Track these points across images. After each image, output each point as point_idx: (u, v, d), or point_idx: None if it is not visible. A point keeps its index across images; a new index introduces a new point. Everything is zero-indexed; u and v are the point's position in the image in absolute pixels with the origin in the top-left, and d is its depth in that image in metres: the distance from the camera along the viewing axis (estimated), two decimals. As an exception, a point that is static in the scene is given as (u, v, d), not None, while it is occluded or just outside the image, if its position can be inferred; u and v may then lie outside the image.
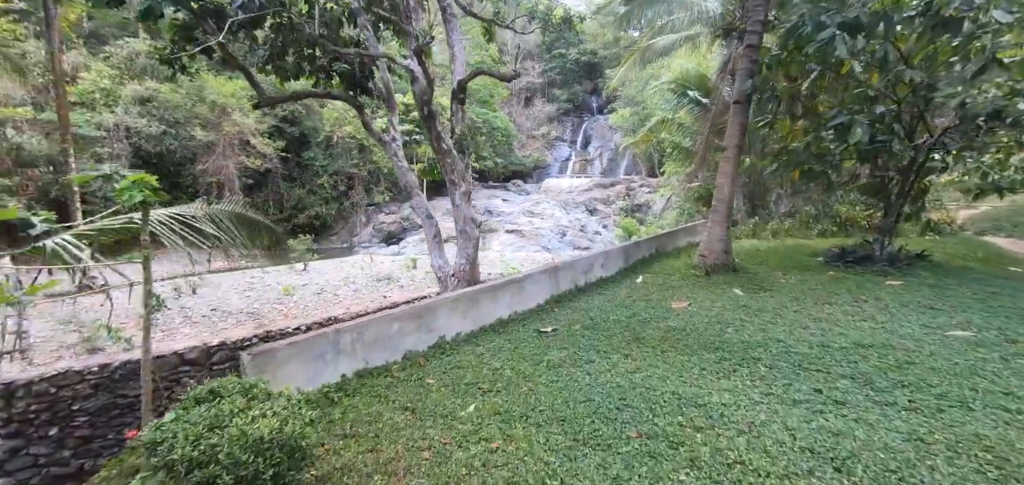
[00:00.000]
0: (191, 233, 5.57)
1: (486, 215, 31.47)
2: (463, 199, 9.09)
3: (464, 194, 9.06)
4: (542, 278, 8.01)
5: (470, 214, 9.21)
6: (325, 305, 14.25)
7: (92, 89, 24.04)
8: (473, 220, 9.23)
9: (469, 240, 9.30)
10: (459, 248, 9.45)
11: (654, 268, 10.54)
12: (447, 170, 8.92)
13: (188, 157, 25.22)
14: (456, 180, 8.97)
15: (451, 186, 9.06)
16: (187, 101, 24.37)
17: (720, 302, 7.81)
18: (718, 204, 9.76)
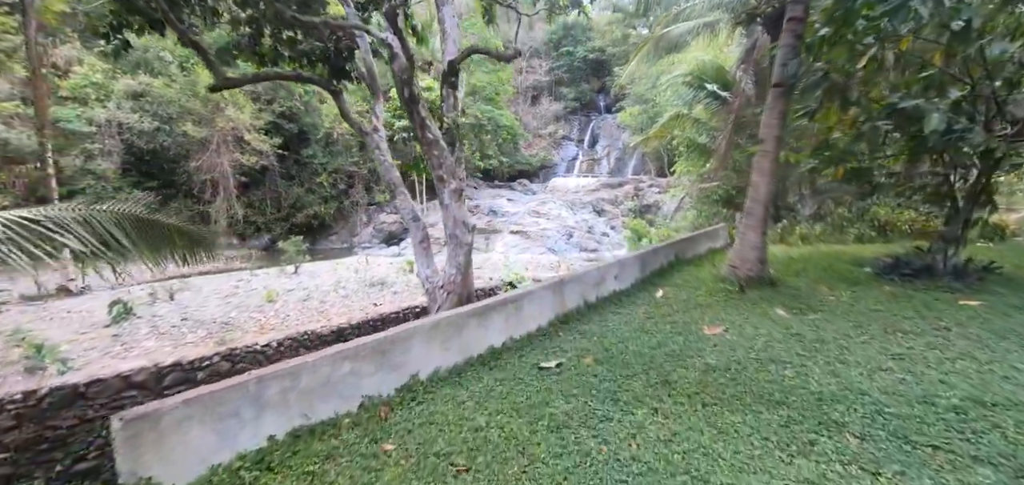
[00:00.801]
0: (51, 245, 4.05)
1: (490, 215, 29.95)
2: (453, 198, 7.57)
3: (454, 192, 7.54)
4: (544, 295, 6.46)
5: (462, 216, 7.69)
6: (308, 314, 12.81)
7: (84, 83, 22.79)
8: (465, 223, 7.71)
9: (460, 246, 7.78)
10: (449, 256, 7.94)
11: (675, 279, 8.95)
12: (434, 164, 7.39)
13: (182, 154, 23.92)
14: (445, 176, 7.45)
15: (439, 183, 7.54)
16: (181, 96, 23.05)
17: (764, 327, 6.22)
18: (753, 206, 8.16)
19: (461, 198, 7.60)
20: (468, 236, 7.75)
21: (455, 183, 7.45)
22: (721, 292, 7.95)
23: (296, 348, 9.77)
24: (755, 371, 4.87)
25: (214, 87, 7.37)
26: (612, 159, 41.88)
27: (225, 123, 22.79)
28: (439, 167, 7.30)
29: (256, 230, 26.26)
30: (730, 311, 7.07)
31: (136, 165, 23.55)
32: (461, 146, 8.43)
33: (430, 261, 8.37)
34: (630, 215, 30.05)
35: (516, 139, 38.20)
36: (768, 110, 7.97)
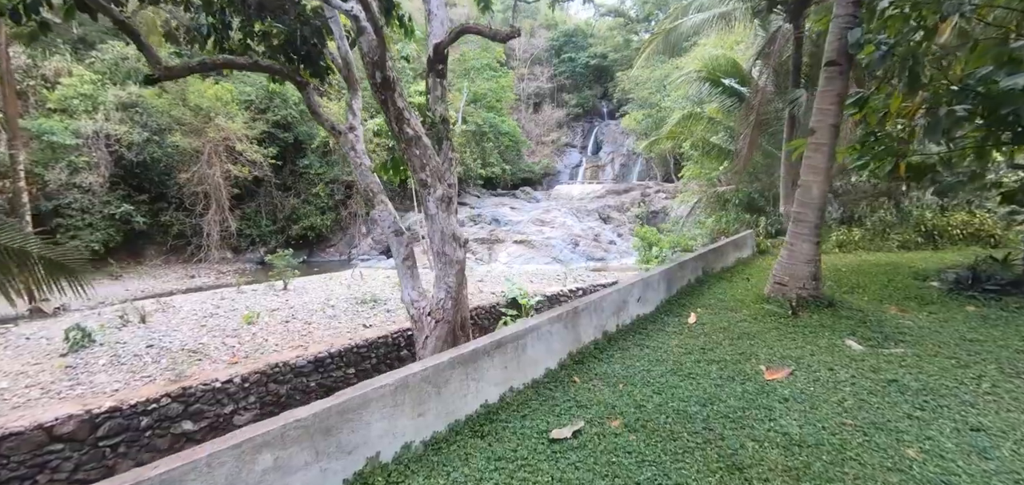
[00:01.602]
0: None
1: (493, 224, 28.45)
2: (441, 207, 6.06)
3: (442, 200, 6.03)
4: (553, 329, 4.92)
5: (452, 229, 6.18)
6: (289, 337, 11.29)
7: (71, 94, 21.56)
8: (455, 237, 6.20)
9: (450, 265, 6.27)
10: (437, 277, 6.43)
11: (707, 298, 7.39)
12: (416, 166, 5.90)
13: (174, 166, 22.61)
14: (429, 180, 5.95)
15: (422, 188, 6.04)
16: (171, 106, 21.78)
17: (841, 368, 4.67)
18: (803, 212, 6.61)
19: (450, 207, 6.10)
20: (459, 252, 6.24)
21: (442, 189, 5.95)
22: (768, 315, 6.39)
23: (264, 382, 8.27)
24: (861, 447, 3.31)
25: (150, 78, 5.90)
26: (616, 165, 40.32)
27: (216, 133, 21.46)
28: (421, 169, 5.81)
29: (251, 243, 24.88)
30: (786, 342, 5.51)
31: (125, 178, 22.25)
32: (451, 145, 6.95)
33: (416, 282, 6.86)
34: (637, 222, 28.48)
35: (519, 146, 36.79)
36: (821, 93, 6.43)
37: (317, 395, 8.91)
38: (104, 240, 21.19)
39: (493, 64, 34.65)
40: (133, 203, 22.13)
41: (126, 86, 22.42)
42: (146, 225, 22.48)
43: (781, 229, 12.78)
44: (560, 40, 47.11)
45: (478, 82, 33.94)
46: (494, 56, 35.07)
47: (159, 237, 23.29)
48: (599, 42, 45.78)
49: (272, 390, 8.27)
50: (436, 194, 5.92)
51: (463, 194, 32.60)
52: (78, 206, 20.57)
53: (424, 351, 6.72)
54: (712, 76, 14.78)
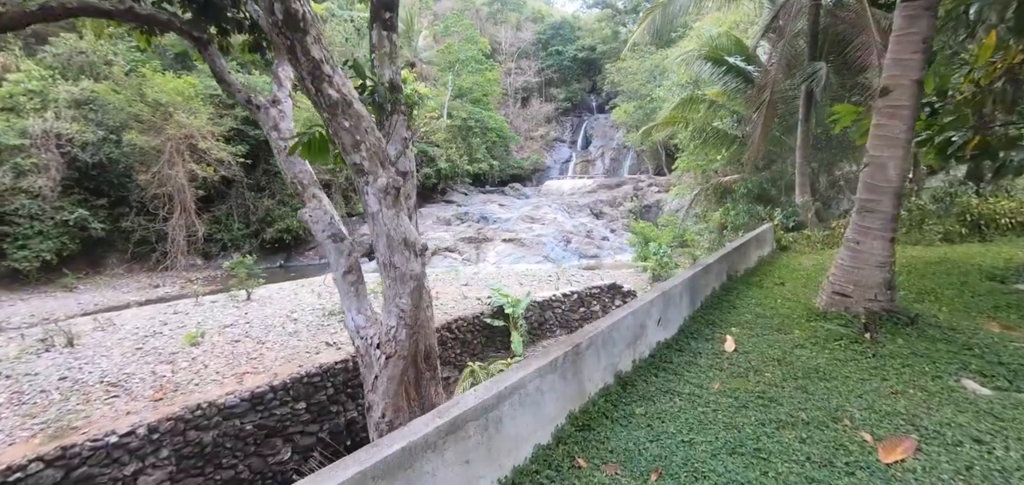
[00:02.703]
0: None
1: (481, 222, 26.60)
2: (384, 202, 4.23)
3: (385, 192, 4.20)
4: (546, 383, 3.13)
5: (403, 231, 4.36)
6: (235, 361, 9.41)
7: (19, 91, 19.34)
8: (407, 242, 4.37)
9: (402, 281, 4.44)
10: (385, 297, 4.61)
11: (742, 313, 5.64)
12: (346, 144, 4.05)
13: (134, 167, 20.49)
14: (366, 164, 4.11)
15: (358, 176, 4.19)
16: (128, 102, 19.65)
17: (996, 438, 2.94)
18: (874, 199, 4.88)
19: (400, 202, 4.26)
20: (414, 263, 4.42)
21: (386, 177, 4.13)
22: (831, 339, 4.65)
23: (182, 430, 6.39)
24: None
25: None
26: (607, 159, 38.64)
27: (177, 130, 19.34)
28: (354, 148, 3.98)
29: (222, 248, 22.81)
30: (875, 383, 3.78)
31: (81, 181, 20.07)
32: (407, 121, 5.13)
33: (362, 303, 5.04)
34: (631, 217, 26.82)
35: (507, 142, 34.96)
36: (897, 39, 4.67)
37: (255, 441, 7.05)
38: (57, 249, 19.03)
39: (478, 56, 32.73)
40: (90, 208, 19.96)
41: (79, 81, 20.24)
42: (105, 232, 20.32)
43: (799, 222, 11.12)
44: (547, 33, 45.27)
45: (463, 75, 32.04)
46: (479, 48, 33.15)
47: (120, 244, 21.14)
48: (587, 35, 43.99)
49: (193, 439, 6.40)
50: (377, 184, 4.10)
51: (450, 191, 30.72)
52: (26, 213, 18.39)
53: (374, 395, 4.90)
54: (714, 55, 13.05)
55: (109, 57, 21.07)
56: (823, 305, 5.21)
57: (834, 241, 9.69)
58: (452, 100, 31.43)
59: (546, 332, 11.68)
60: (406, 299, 4.51)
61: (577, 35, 44.81)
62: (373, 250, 4.41)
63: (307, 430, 7.61)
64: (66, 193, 19.60)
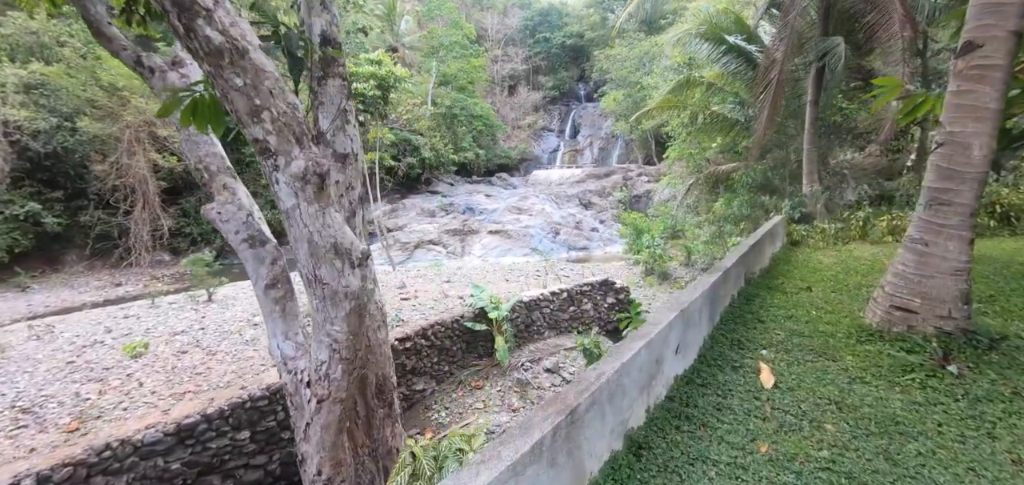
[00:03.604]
0: None
1: (466, 214, 25.30)
2: (305, 193, 2.98)
3: (303, 180, 2.94)
4: (525, 478, 1.96)
5: (332, 234, 3.11)
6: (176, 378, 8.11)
7: (-42, 76, 17.49)
8: (340, 249, 3.12)
9: (333, 302, 3.21)
10: (314, 323, 3.37)
11: (771, 328, 4.51)
12: (242, 112, 2.78)
13: (91, 157, 18.79)
14: (273, 141, 2.84)
15: (263, 157, 2.93)
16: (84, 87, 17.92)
17: None
18: (949, 190, 3.75)
19: (323, 193, 3.00)
20: (350, 277, 3.18)
21: (304, 159, 2.87)
22: (900, 369, 3.53)
23: (84, 479, 5.10)
24: None
25: None
26: (595, 149, 37.43)
27: (135, 116, 17.69)
28: (253, 117, 2.71)
29: (192, 243, 21.21)
30: (979, 439, 2.67)
31: (32, 172, 18.31)
32: (346, 86, 3.86)
33: (290, 324, 3.79)
34: (620, 207, 25.75)
35: (493, 130, 33.54)
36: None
37: (184, 482, 5.79)
38: (7, 246, 17.35)
39: (464, 42, 31.17)
40: (43, 201, 18.25)
41: (28, 64, 18.40)
42: (61, 227, 18.63)
43: (807, 213, 10.05)
44: (534, 19, 43.70)
45: (448, 61, 30.49)
46: (465, 34, 31.57)
47: (79, 240, 19.44)
48: (575, 21, 42.51)
49: (98, 487, 5.14)
50: (290, 168, 2.85)
51: (435, 181, 29.31)
52: (-40, 213, 16.68)
53: (306, 445, 3.68)
54: (714, 33, 11.85)
55: (62, 38, 19.23)
56: (877, 321, 4.09)
57: (850, 235, 8.63)
58: (436, 87, 29.90)
59: (533, 334, 10.52)
60: (340, 325, 3.27)
61: (565, 22, 43.27)
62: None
63: (253, 463, 6.35)
64: (16, 185, 17.85)
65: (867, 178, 12.44)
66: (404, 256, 21.18)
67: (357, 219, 3.97)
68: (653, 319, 3.33)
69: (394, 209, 25.27)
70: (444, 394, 8.71)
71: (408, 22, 34.61)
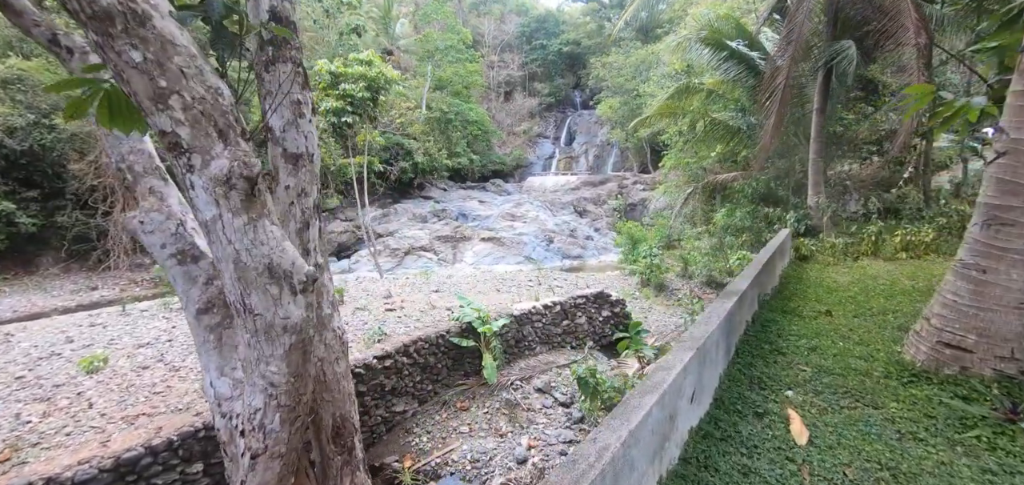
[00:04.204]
0: None
1: (459, 220, 24.64)
2: (229, 201, 2.32)
3: (226, 183, 2.28)
4: None
5: (268, 253, 2.45)
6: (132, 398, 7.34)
7: (-68, 70, 16.67)
8: (276, 271, 2.46)
9: (271, 337, 2.53)
10: (245, 362, 2.69)
11: (792, 362, 3.89)
12: (142, 96, 2.13)
13: (68, 155, 17.98)
14: (185, 133, 2.19)
15: (174, 154, 2.27)
16: (61, 82, 17.03)
17: None
18: (1013, 207, 3.16)
19: (253, 201, 2.36)
20: (293, 305, 2.52)
21: (228, 158, 2.23)
22: (959, 422, 2.90)
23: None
24: None
25: None
26: (591, 156, 36.94)
27: (114, 114, 16.90)
28: (157, 103, 2.07)
29: (175, 246, 20.31)
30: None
31: (7, 171, 17.48)
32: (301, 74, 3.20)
33: (227, 357, 3.12)
34: (615, 215, 25.20)
35: (488, 136, 32.93)
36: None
37: (123, 524, 5.07)
38: (-22, 246, 16.52)
39: (459, 46, 30.60)
40: (18, 201, 17.41)
41: (6, 58, 17.61)
42: (37, 228, 17.78)
43: (813, 226, 9.50)
44: (531, 26, 43.28)
45: (444, 66, 29.89)
46: (461, 38, 31.01)
47: (56, 242, 18.57)
48: (571, 29, 42.13)
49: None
50: (209, 170, 2.20)
51: (428, 187, 28.61)
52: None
53: (243, 507, 2.99)
54: (714, 38, 11.31)
55: (42, 32, 18.42)
56: (921, 359, 3.47)
57: (861, 250, 8.06)
58: (431, 91, 29.29)
59: (524, 350, 9.85)
60: (278, 366, 2.60)
61: (561, 29, 42.88)
62: (341, 247, 2.50)
63: (206, 498, 5.64)
64: (-11, 184, 17.04)
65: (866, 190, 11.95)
66: (394, 263, 20.46)
67: (311, 232, 3.31)
68: (665, 362, 2.68)
69: (385, 214, 24.55)
70: (426, 416, 8.00)
71: (404, 25, 34.01)
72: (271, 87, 3.14)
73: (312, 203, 3.31)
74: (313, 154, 3.31)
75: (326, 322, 3.40)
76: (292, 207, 3.21)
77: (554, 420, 8.06)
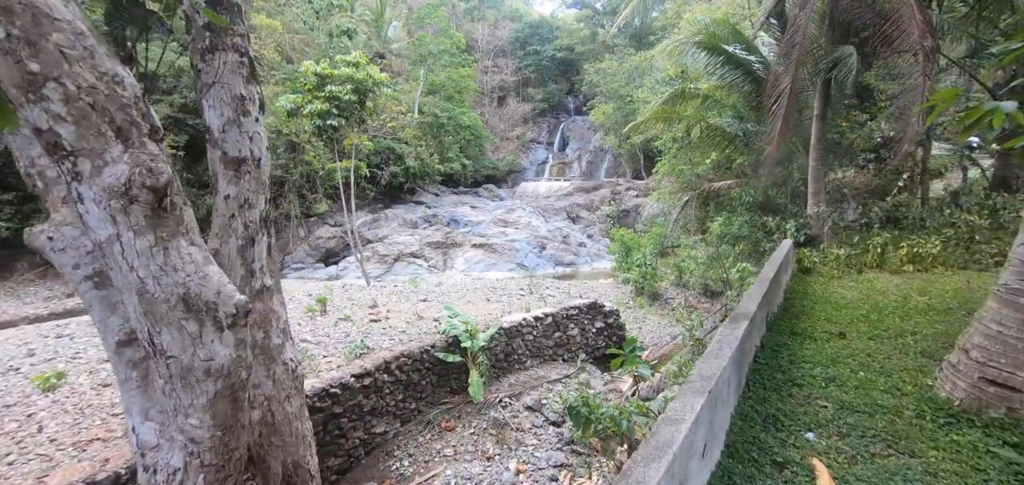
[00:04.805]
0: None
1: (450, 226, 24.13)
2: (128, 218, 1.82)
3: (124, 195, 1.79)
4: None
5: (183, 280, 1.95)
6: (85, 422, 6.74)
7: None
8: (188, 302, 1.96)
9: (189, 383, 2.03)
10: (163, 412, 2.18)
11: (810, 396, 3.43)
12: (15, 84, 1.63)
13: (45, 157, 17.15)
14: (66, 132, 1.70)
15: (56, 158, 1.78)
16: (39, 82, 16.34)
17: None
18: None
19: (161, 217, 1.88)
20: (219, 344, 2.02)
21: (128, 163, 1.75)
22: (1016, 478, 2.48)
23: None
24: None
25: None
26: (584, 162, 36.61)
27: (93, 115, 16.23)
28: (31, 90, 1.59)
29: (157, 251, 19.63)
30: None
31: (-19, 177, 16.77)
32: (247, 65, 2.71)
33: (153, 397, 2.61)
34: (608, 221, 24.83)
35: (481, 141, 32.49)
36: None
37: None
38: (-52, 251, 15.75)
39: (452, 50, 30.17)
40: (-9, 204, 16.70)
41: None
42: (11, 231, 17.04)
43: (812, 236, 9.11)
44: (525, 32, 42.98)
45: (437, 70, 29.44)
46: (454, 43, 30.58)
47: (32, 245, 17.81)
48: (565, 35, 41.89)
49: None
50: (102, 179, 1.72)
51: (419, 191, 28.08)
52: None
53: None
54: (711, 42, 10.93)
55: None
56: (960, 397, 3.03)
57: (864, 262, 7.66)
58: (424, 96, 28.81)
59: (514, 364, 9.35)
60: (200, 418, 2.10)
61: (555, 35, 42.61)
62: (329, 253, 2.02)
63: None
64: (-39, 186, 16.30)
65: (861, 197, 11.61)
66: (383, 269, 19.90)
67: (257, 250, 2.81)
68: (674, 412, 2.21)
69: (376, 219, 23.98)
70: (409, 437, 7.45)
71: (396, 29, 33.53)
72: (209, 78, 2.64)
73: (258, 215, 2.81)
74: (260, 159, 2.81)
75: (276, 354, 2.89)
76: (232, 220, 2.71)
77: (545, 441, 7.55)
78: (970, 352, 3.04)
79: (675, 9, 27.14)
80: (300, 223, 22.09)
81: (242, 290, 2.72)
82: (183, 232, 1.99)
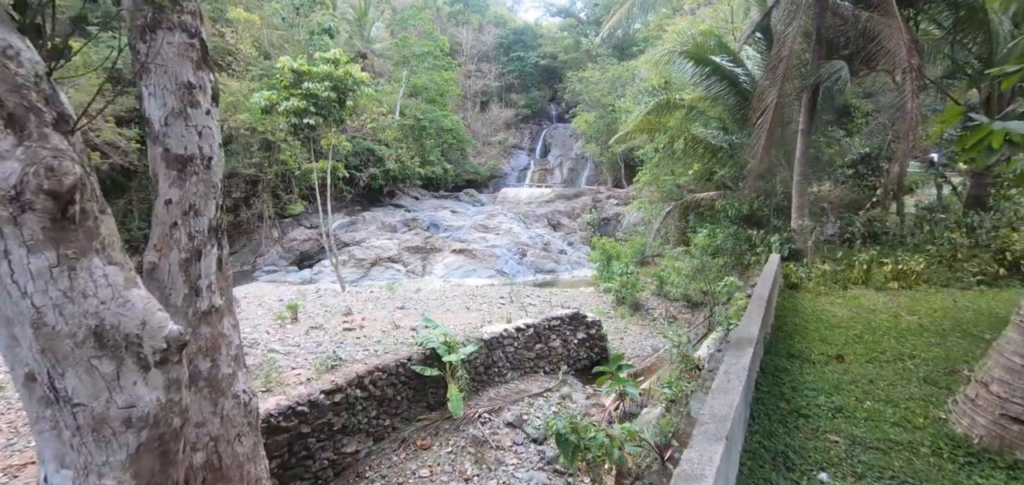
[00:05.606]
0: None
1: (430, 230, 23.61)
2: (20, 232, 1.41)
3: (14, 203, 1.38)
4: None
5: (107, 308, 1.54)
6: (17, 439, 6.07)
7: None
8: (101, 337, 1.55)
9: (103, 438, 1.60)
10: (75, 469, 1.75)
11: (817, 429, 3.18)
12: None
13: None
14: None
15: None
16: None
17: None
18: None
19: (64, 230, 1.48)
20: (144, 386, 1.62)
21: (21, 159, 1.35)
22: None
23: None
24: None
25: None
26: (565, 169, 36.60)
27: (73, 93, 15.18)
28: None
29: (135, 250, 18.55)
30: None
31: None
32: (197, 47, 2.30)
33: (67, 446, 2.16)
34: (589, 229, 24.72)
35: (463, 145, 32.07)
36: None
37: None
38: None
39: (436, 52, 29.71)
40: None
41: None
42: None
43: (796, 250, 9.06)
44: (509, 38, 42.83)
45: (419, 72, 28.91)
46: (438, 45, 30.11)
47: None
48: (549, 43, 41.90)
49: None
50: None
51: (399, 195, 27.45)
52: None
53: None
54: (697, 53, 10.85)
55: None
56: (979, 435, 2.82)
57: (850, 278, 7.60)
58: (406, 97, 28.24)
59: (494, 377, 8.97)
60: (118, 477, 1.68)
61: (539, 43, 42.59)
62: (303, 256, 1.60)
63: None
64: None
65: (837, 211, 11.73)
66: (359, 274, 19.24)
67: (204, 264, 2.39)
68: (691, 466, 1.90)
69: (353, 222, 23.28)
70: (382, 456, 6.98)
71: (379, 29, 32.86)
72: (149, 62, 2.22)
73: (207, 224, 2.39)
74: (211, 158, 2.40)
75: (225, 387, 2.47)
76: (174, 230, 2.28)
77: (525, 460, 7.19)
78: (990, 386, 2.84)
79: (657, 22, 27.36)
80: (274, 224, 21.22)
81: (185, 313, 2.29)
82: (97, 248, 1.58)
